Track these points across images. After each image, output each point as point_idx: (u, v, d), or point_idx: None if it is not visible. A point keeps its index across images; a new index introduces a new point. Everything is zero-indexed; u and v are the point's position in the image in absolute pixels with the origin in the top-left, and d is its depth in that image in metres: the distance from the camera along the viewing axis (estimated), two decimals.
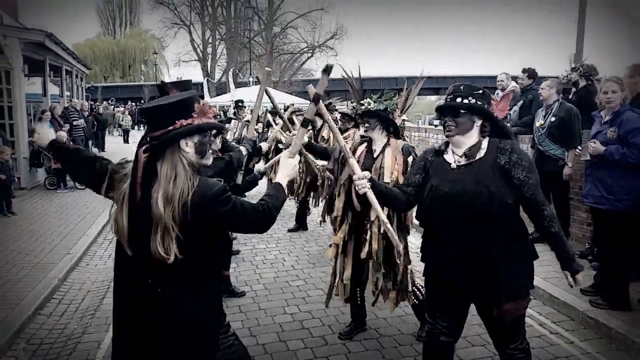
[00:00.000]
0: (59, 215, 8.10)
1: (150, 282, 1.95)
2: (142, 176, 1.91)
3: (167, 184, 1.89)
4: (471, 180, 2.46)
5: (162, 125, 1.94)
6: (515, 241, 2.51)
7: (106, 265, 5.95)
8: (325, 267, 5.72)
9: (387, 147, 3.63)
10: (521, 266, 2.53)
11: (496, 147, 2.51)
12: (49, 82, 13.33)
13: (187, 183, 1.92)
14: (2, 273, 5.29)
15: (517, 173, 2.43)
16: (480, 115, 2.54)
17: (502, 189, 2.42)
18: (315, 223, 7.62)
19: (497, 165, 2.46)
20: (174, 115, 1.95)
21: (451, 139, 2.60)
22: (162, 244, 1.87)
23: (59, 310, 4.67)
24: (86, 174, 2.25)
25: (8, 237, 6.71)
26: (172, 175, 1.91)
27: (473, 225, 2.45)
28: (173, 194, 1.88)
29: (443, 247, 2.58)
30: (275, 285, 5.20)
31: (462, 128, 2.53)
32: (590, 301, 4.33)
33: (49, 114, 11.06)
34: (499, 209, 2.41)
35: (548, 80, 5.81)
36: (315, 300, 4.78)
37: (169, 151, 1.94)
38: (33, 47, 10.76)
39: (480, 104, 2.53)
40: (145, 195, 1.90)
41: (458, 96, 2.54)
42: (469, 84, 2.66)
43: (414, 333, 4.06)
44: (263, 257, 6.16)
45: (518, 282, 2.51)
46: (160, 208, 1.87)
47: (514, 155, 2.45)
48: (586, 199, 4.49)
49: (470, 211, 2.44)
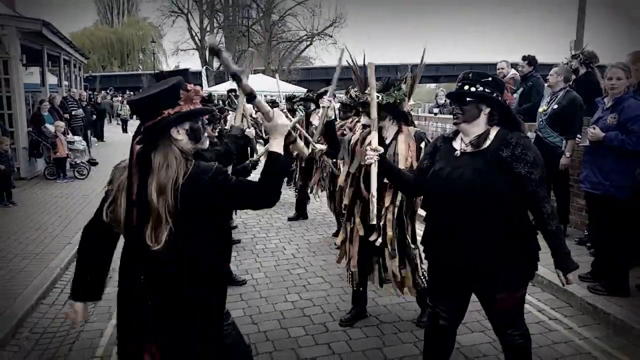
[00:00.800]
0: (59, 205, 8.11)
1: (142, 273, 1.97)
2: (138, 168, 1.92)
3: (160, 173, 1.90)
4: (470, 169, 2.48)
5: (152, 116, 1.94)
6: (514, 234, 2.49)
7: None
8: (326, 256, 5.76)
9: (400, 134, 3.64)
10: (519, 259, 2.52)
11: (502, 139, 2.49)
12: (47, 72, 13.28)
13: (180, 171, 1.92)
14: (3, 263, 5.31)
15: (518, 167, 2.42)
16: (488, 103, 2.53)
17: (496, 181, 2.42)
18: (315, 212, 7.66)
19: (498, 157, 2.45)
20: (161, 105, 1.94)
21: (458, 126, 2.61)
22: (153, 233, 1.89)
23: (61, 299, 4.70)
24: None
25: (8, 227, 6.73)
26: (164, 165, 1.92)
27: (468, 213, 2.47)
28: (165, 183, 1.89)
29: (441, 231, 2.61)
30: (276, 274, 5.23)
31: (469, 116, 2.53)
32: (588, 287, 4.36)
33: (47, 104, 11.03)
34: (490, 200, 2.42)
35: (558, 67, 5.77)
36: (316, 288, 4.81)
37: (161, 141, 1.95)
38: (31, 36, 10.70)
39: (489, 92, 2.52)
40: (141, 186, 1.91)
41: (466, 84, 2.54)
42: (479, 71, 2.65)
43: (413, 319, 4.09)
44: (263, 246, 6.19)
45: (513, 274, 2.51)
46: (154, 198, 1.88)
47: (518, 149, 2.43)
48: (582, 184, 4.50)
49: (465, 198, 2.46)
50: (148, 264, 1.95)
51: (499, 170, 2.43)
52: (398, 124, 3.68)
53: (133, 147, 1.94)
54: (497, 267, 2.48)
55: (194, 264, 2.01)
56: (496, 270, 2.49)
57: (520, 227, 2.52)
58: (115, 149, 15.94)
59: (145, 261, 1.95)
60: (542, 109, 5.75)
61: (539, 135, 5.71)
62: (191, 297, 2.01)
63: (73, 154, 10.55)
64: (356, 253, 3.79)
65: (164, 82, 2.05)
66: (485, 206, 2.43)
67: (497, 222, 2.46)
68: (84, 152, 11.00)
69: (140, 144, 1.94)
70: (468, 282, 2.62)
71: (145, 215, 1.89)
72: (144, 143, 1.94)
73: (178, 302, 1.99)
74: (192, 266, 2.01)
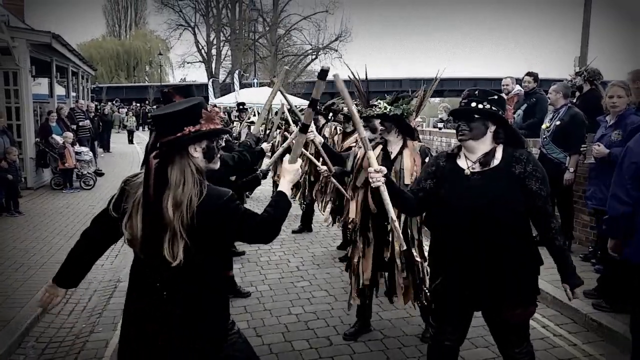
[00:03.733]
0: (65, 215, 8.17)
1: (158, 285, 2.02)
2: (154, 182, 1.96)
3: (176, 189, 1.95)
4: (486, 189, 2.48)
5: (172, 132, 1.99)
6: (525, 249, 2.53)
7: (112, 265, 6.00)
8: (330, 269, 5.77)
9: (405, 149, 3.67)
10: (529, 273, 2.56)
11: (512, 156, 2.52)
12: (56, 83, 13.43)
13: (195, 189, 1.97)
14: (9, 272, 5.35)
15: (531, 184, 2.46)
16: (495, 121, 2.55)
17: (516, 198, 2.46)
18: (320, 224, 7.67)
19: (512, 175, 2.48)
20: (183, 121, 2.00)
21: (464, 143, 2.59)
22: (170, 248, 1.94)
23: (66, 309, 4.72)
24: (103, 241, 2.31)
25: (15, 236, 6.78)
26: (180, 181, 1.96)
27: (486, 233, 2.47)
28: (181, 199, 1.94)
29: (452, 253, 2.60)
30: (280, 286, 5.24)
31: (476, 133, 2.53)
32: (593, 304, 4.35)
33: (55, 115, 11.15)
34: (513, 218, 2.46)
35: (556, 84, 5.82)
36: (320, 301, 4.82)
37: (178, 157, 2.00)
38: (40, 48, 10.85)
39: (495, 110, 2.53)
40: (156, 200, 1.95)
41: (472, 101, 2.54)
42: (485, 88, 2.67)
43: (418, 334, 4.09)
44: (268, 258, 6.21)
45: (526, 289, 2.54)
46: (170, 213, 1.93)
47: (529, 166, 2.47)
48: (590, 201, 4.51)
49: (485, 219, 2.46)
50: (167, 278, 2.01)
51: (515, 186, 2.46)
52: (403, 138, 3.71)
53: (150, 161, 1.98)
54: (511, 282, 2.49)
55: (206, 274, 2.08)
56: (510, 286, 2.49)
57: (529, 242, 2.56)
58: (121, 160, 16.04)
59: (164, 276, 2.01)
60: (545, 125, 5.79)
61: (542, 151, 5.74)
62: (206, 305, 2.09)
63: (80, 164, 10.64)
64: (369, 268, 3.80)
65: (187, 101, 2.11)
66: (507, 224, 2.46)
67: (514, 238, 2.49)
68: (90, 162, 11.09)
69: (158, 158, 1.98)
70: (479, 299, 2.60)
71: (162, 229, 1.94)
72: (162, 157, 1.98)
73: (198, 311, 2.06)
74: (205, 277, 2.08)
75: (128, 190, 2.09)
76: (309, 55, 39.12)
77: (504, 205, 2.44)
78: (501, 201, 2.44)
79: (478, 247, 2.50)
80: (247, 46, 36.65)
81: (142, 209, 1.99)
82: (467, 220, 2.50)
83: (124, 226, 2.02)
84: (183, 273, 1.99)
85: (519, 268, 2.50)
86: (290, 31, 38.60)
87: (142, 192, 1.99)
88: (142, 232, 1.99)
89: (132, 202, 2.03)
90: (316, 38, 37.61)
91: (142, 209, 1.99)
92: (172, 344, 2.03)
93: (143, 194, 1.98)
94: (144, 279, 2.07)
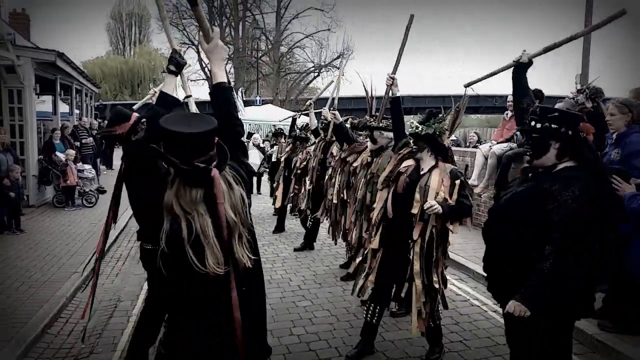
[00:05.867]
0: (67, 233, 8.15)
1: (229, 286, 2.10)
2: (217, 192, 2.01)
3: (229, 195, 2.06)
4: (525, 194, 2.59)
5: (209, 148, 2.02)
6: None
7: (113, 284, 5.97)
8: (332, 288, 5.73)
9: (435, 169, 3.69)
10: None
11: (554, 175, 2.55)
12: (59, 101, 13.51)
13: (240, 189, 2.11)
14: (10, 291, 5.32)
15: (545, 204, 2.47)
16: (557, 138, 2.56)
17: (541, 209, 2.48)
18: (322, 242, 7.64)
19: (539, 189, 2.53)
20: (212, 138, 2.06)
21: (532, 163, 2.66)
22: (239, 250, 2.06)
23: (66, 329, 4.68)
24: None
25: (16, 255, 6.75)
26: (227, 187, 2.06)
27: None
28: (235, 202, 2.07)
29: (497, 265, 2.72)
30: (281, 306, 5.20)
31: (537, 151, 2.61)
32: (599, 324, 4.30)
33: (59, 132, 11.20)
34: (536, 225, 2.50)
35: (562, 102, 5.83)
36: (322, 322, 4.77)
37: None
38: (45, 66, 10.94)
39: (555, 127, 2.54)
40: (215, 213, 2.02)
41: (532, 120, 2.62)
42: (545, 106, 2.75)
43: (421, 355, 4.03)
44: (269, 277, 6.16)
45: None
46: (232, 216, 2.03)
47: (556, 185, 2.46)
48: None
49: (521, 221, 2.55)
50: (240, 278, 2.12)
51: (538, 200, 2.50)
52: (436, 157, 3.73)
53: (213, 175, 1.99)
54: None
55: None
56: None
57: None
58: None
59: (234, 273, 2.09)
60: None
61: None
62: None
63: (82, 182, 10.65)
64: (375, 270, 3.87)
65: (204, 118, 2.09)
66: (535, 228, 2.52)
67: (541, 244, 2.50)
68: (93, 180, 11.10)
69: (219, 170, 2.03)
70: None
71: (221, 234, 2.02)
72: (221, 170, 2.05)
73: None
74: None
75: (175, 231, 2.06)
76: (311, 73, 39.37)
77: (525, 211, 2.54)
78: (528, 208, 2.54)
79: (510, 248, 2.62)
80: (250, 64, 36.92)
81: (212, 225, 2.01)
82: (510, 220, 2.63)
83: (200, 263, 1.98)
84: (245, 272, 2.13)
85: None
86: (292, 49, 38.89)
87: (205, 222, 2.00)
88: (215, 237, 2.02)
89: (194, 236, 1.99)
90: (318, 56, 37.86)
91: (212, 225, 2.01)
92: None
93: (211, 204, 2.02)
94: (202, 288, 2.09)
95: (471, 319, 4.82)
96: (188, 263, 1.95)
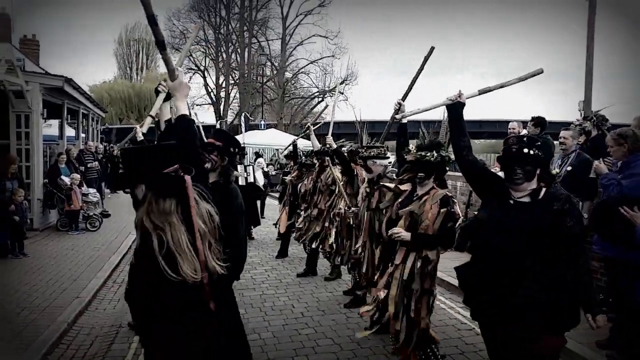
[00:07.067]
0: (70, 257, 8.13)
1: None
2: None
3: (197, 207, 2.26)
4: (528, 217, 2.72)
5: (175, 160, 2.20)
6: (559, 275, 2.70)
7: (115, 309, 5.93)
8: (335, 315, 5.67)
9: (427, 196, 3.71)
10: (562, 302, 2.69)
11: (553, 194, 2.78)
12: (66, 125, 13.65)
13: (205, 204, 2.30)
14: (11, 317, 5.29)
15: (565, 221, 2.68)
16: (540, 165, 2.81)
17: (551, 227, 2.68)
18: (324, 268, 7.58)
19: (552, 209, 2.71)
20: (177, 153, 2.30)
21: (519, 186, 2.80)
22: (210, 258, 2.26)
23: (67, 355, 4.64)
24: None
25: (19, 279, 6.73)
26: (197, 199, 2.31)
27: (527, 254, 2.69)
28: (202, 213, 2.31)
29: (497, 273, 2.77)
30: (284, 334, 5.13)
31: (528, 176, 2.78)
32: (607, 355, 4.22)
33: (64, 157, 11.28)
34: (547, 242, 2.68)
35: (570, 130, 5.85)
36: (325, 350, 4.70)
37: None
38: (52, 91, 11.09)
39: (541, 155, 2.81)
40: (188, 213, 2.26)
41: (524, 147, 2.80)
42: (531, 135, 2.95)
43: None
44: (272, 304, 6.11)
45: (558, 316, 2.71)
46: (201, 225, 2.24)
47: (567, 205, 2.72)
48: (595, 245, 4.48)
49: (526, 242, 2.68)
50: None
51: (553, 219, 2.69)
52: (434, 183, 3.76)
53: (187, 180, 2.16)
54: (542, 307, 2.65)
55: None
56: (542, 312, 2.66)
57: (560, 271, 2.72)
58: (128, 200, 16.09)
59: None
60: (554, 171, 5.78)
61: None
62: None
63: (86, 206, 10.68)
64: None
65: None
66: (543, 251, 2.68)
67: (548, 262, 2.69)
68: (97, 204, 11.13)
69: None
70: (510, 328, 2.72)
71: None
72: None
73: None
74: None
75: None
76: (315, 98, 39.72)
77: (543, 231, 2.67)
78: (541, 230, 2.67)
79: (512, 272, 2.72)
80: (255, 89, 37.33)
81: (186, 233, 2.19)
82: (511, 245, 2.73)
83: (178, 271, 2.16)
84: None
85: (549, 293, 2.67)
86: (297, 75, 39.34)
87: (178, 231, 2.18)
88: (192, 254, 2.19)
89: (165, 249, 2.15)
90: (322, 81, 38.25)
91: (186, 233, 2.19)
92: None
93: (184, 221, 2.19)
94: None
95: (477, 348, 4.74)
96: (161, 272, 2.09)
